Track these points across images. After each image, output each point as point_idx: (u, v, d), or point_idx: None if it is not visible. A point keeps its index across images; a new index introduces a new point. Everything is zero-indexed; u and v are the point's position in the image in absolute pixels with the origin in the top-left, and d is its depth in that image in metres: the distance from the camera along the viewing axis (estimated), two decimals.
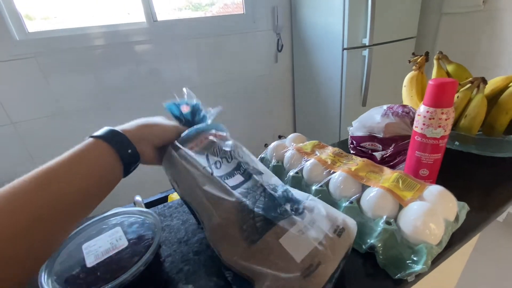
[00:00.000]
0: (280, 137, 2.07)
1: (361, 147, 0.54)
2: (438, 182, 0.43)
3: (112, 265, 0.27)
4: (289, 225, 0.25)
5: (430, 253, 0.27)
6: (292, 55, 1.79)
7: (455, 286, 0.81)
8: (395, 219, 0.31)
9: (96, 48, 1.27)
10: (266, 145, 2.17)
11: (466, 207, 0.33)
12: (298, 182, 0.42)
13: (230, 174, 0.31)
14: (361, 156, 0.53)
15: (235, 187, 0.30)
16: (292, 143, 0.49)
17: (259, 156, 0.49)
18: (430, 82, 0.35)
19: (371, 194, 0.33)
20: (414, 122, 0.39)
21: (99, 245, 0.29)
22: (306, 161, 0.42)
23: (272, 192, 0.29)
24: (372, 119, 0.52)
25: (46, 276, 0.27)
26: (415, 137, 0.39)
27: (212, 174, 0.30)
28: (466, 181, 0.44)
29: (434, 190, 0.32)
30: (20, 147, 1.22)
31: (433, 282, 0.61)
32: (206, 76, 1.57)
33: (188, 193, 0.32)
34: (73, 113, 1.29)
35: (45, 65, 1.18)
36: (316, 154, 0.43)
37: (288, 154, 0.45)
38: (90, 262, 0.28)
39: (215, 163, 0.32)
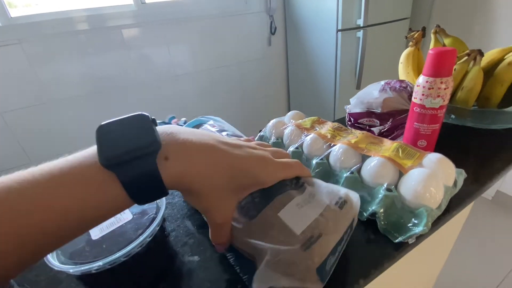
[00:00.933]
0: None
1: (358, 123, 0.54)
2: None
3: (118, 237, 0.27)
4: (288, 198, 0.25)
5: (430, 215, 0.28)
6: (286, 38, 1.77)
7: (445, 263, 0.85)
8: (396, 186, 0.32)
9: (82, 33, 1.22)
10: (261, 131, 2.17)
11: (463, 174, 0.34)
12: (298, 157, 0.42)
13: None
14: None
15: None
16: (292, 120, 0.49)
17: (258, 134, 0.49)
18: (430, 51, 0.35)
19: (372, 164, 0.33)
20: (413, 94, 0.39)
21: None
22: (306, 136, 0.42)
23: None
24: (370, 95, 0.52)
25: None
26: (414, 108, 0.39)
27: None
28: (461, 152, 0.45)
29: (433, 158, 0.32)
30: (9, 137, 1.19)
31: (424, 256, 0.63)
32: (197, 62, 1.54)
33: None
34: (63, 101, 1.26)
35: (31, 52, 1.13)
36: (316, 129, 0.43)
37: (287, 131, 0.45)
38: (95, 235, 0.27)
39: None
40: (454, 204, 0.33)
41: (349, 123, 0.56)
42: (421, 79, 0.37)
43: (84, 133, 1.29)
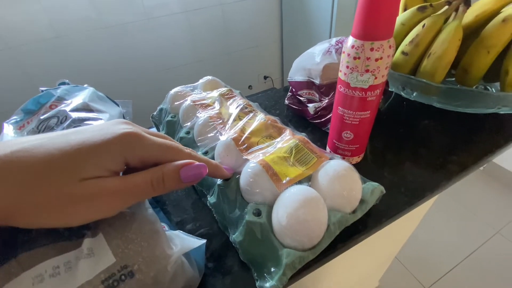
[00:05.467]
0: (265, 78, 1.88)
1: (299, 95, 0.42)
2: (372, 146, 0.33)
3: None
4: (41, 257, 0.15)
5: (290, 266, 0.19)
6: None
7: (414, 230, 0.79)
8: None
9: None
10: (250, 87, 2.00)
11: (378, 191, 0.24)
12: (190, 144, 0.32)
13: None
14: (295, 110, 0.42)
15: None
16: (200, 91, 0.38)
17: (159, 107, 0.38)
18: None
19: (247, 170, 0.23)
20: (340, 63, 0.26)
21: None
22: (200, 114, 0.32)
23: None
24: (312, 58, 0.39)
25: None
26: (339, 86, 0.27)
27: None
28: (416, 146, 0.34)
29: (331, 169, 0.22)
30: None
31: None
32: (172, 2, 1.33)
33: None
34: (27, 45, 1.12)
35: None
36: (214, 108, 0.32)
37: (183, 107, 0.34)
38: None
39: None
40: (350, 233, 0.24)
41: (289, 93, 0.44)
42: (349, 41, 0.24)
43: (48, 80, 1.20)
